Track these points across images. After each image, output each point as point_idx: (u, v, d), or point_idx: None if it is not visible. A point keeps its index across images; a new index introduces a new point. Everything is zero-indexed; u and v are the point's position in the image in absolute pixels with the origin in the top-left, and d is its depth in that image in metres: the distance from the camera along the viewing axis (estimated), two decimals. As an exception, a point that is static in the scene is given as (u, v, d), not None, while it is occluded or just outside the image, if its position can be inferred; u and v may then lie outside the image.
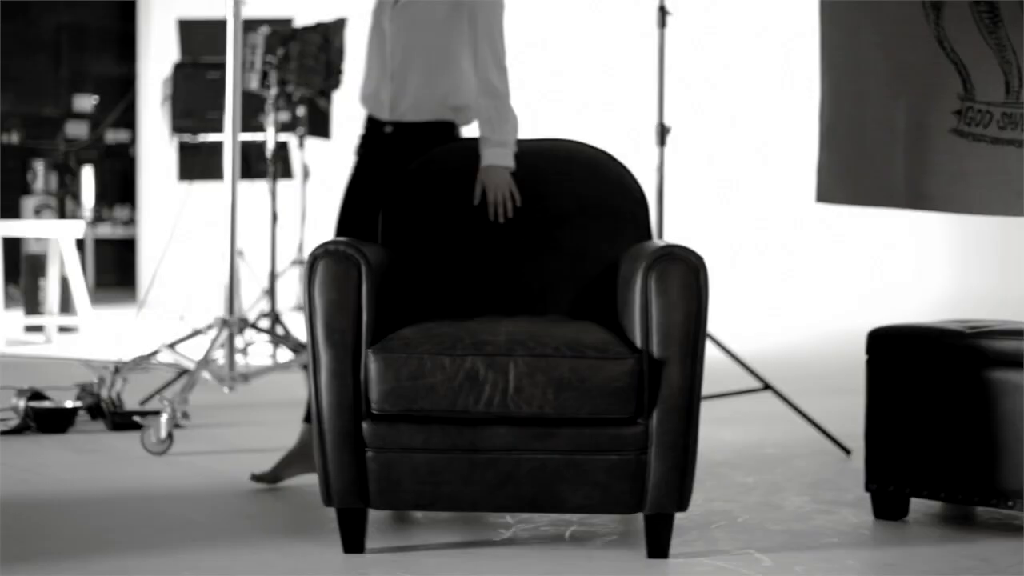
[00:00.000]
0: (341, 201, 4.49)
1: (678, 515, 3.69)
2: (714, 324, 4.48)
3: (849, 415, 5.12)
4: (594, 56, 11.10)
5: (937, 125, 4.79)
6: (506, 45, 4.44)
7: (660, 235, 5.65)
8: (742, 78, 10.73)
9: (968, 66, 4.73)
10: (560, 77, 11.21)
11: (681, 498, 3.59)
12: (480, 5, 4.37)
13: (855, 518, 4.12)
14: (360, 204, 4.41)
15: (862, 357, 4.17)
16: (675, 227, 6.68)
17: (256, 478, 4.43)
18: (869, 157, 4.98)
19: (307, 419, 4.45)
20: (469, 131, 4.49)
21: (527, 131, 4.34)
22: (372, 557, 3.62)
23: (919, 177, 4.86)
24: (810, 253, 10.51)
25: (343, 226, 4.42)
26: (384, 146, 4.45)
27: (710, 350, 4.01)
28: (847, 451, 5.14)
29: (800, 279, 10.45)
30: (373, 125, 4.51)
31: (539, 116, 10.83)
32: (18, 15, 13.42)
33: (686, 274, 3.58)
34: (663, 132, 5.76)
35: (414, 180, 4.23)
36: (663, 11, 5.78)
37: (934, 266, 10.07)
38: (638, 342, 3.59)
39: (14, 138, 13.41)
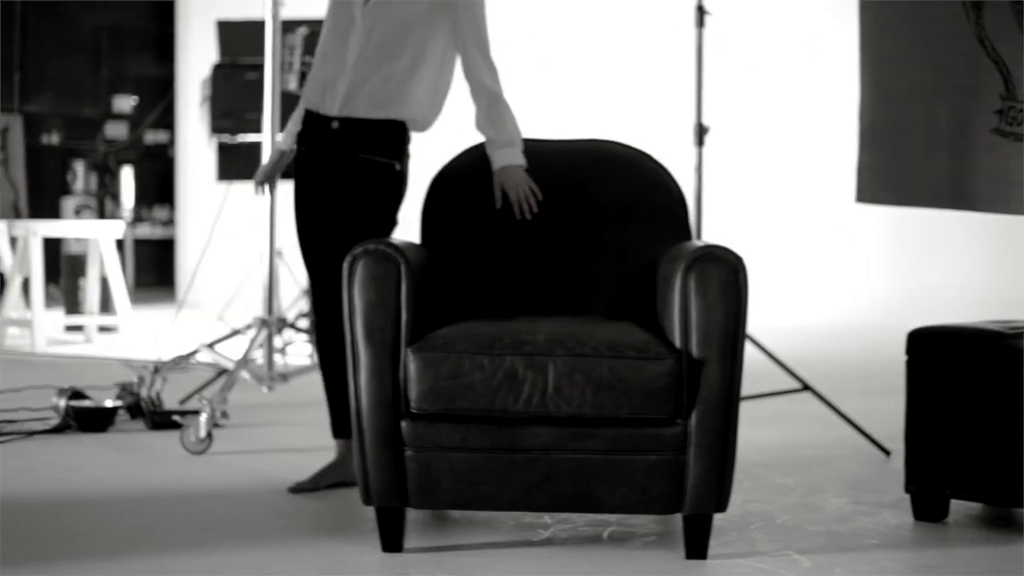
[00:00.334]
0: (293, 206, 4.47)
1: (717, 516, 3.68)
2: (753, 324, 4.47)
3: (889, 416, 5.09)
4: (632, 56, 11.09)
5: (978, 125, 4.76)
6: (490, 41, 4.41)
7: (699, 235, 5.64)
8: (780, 77, 10.70)
9: (1009, 65, 4.70)
10: (598, 77, 11.20)
11: (720, 499, 3.59)
12: (463, 6, 4.31)
13: (895, 519, 4.10)
14: (314, 205, 4.42)
15: (902, 357, 4.15)
16: (714, 227, 6.66)
17: (294, 489, 4.38)
18: (910, 157, 4.95)
19: (337, 434, 4.45)
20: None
21: (567, 132, 4.33)
22: (410, 556, 3.63)
23: (960, 177, 4.83)
24: (850, 253, 10.48)
25: (304, 233, 4.45)
26: (330, 142, 4.38)
27: (749, 350, 4.00)
28: (887, 452, 5.12)
29: (840, 279, 10.42)
30: (317, 121, 4.40)
31: (578, 116, 10.84)
32: (57, 16, 13.49)
33: (725, 274, 3.57)
34: (701, 132, 5.75)
35: (452, 179, 4.23)
36: (701, 10, 5.77)
37: (975, 266, 10.02)
38: (677, 342, 3.59)
39: (54, 139, 13.48)
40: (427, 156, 4.64)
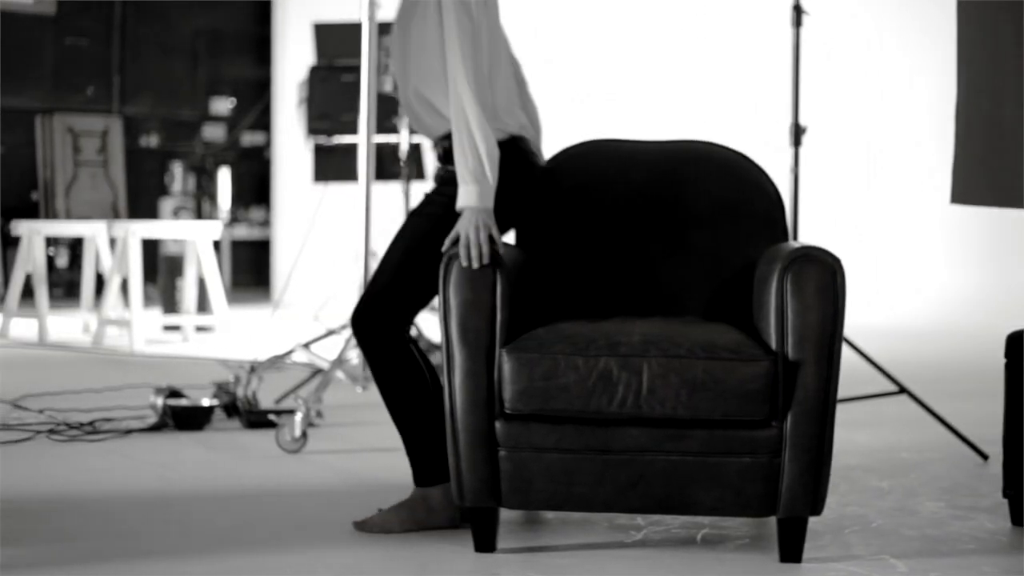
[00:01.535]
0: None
1: (811, 519, 3.66)
2: (849, 325, 4.43)
3: (986, 419, 5.04)
4: (729, 56, 11.05)
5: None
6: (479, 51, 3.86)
7: (796, 236, 5.61)
8: (877, 77, 10.62)
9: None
10: (695, 77, 11.17)
11: (815, 502, 3.56)
12: (445, 4, 3.84)
13: (992, 524, 4.06)
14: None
15: (1000, 360, 4.11)
16: (811, 228, 6.62)
17: (360, 527, 3.97)
18: (1005, 157, 4.90)
19: (419, 482, 3.95)
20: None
21: (667, 133, 4.28)
22: (503, 557, 3.63)
23: (1058, 178, 4.77)
24: (947, 254, 10.38)
25: None
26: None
27: (845, 352, 3.97)
28: (984, 456, 5.07)
29: (937, 281, 10.32)
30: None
31: (674, 117, 10.81)
32: (156, 19, 13.64)
33: (822, 275, 3.55)
34: (798, 132, 5.71)
35: (547, 180, 4.23)
36: (798, 10, 5.74)
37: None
38: (773, 344, 3.57)
39: (153, 141, 13.64)
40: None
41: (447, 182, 3.88)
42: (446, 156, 3.91)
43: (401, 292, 3.88)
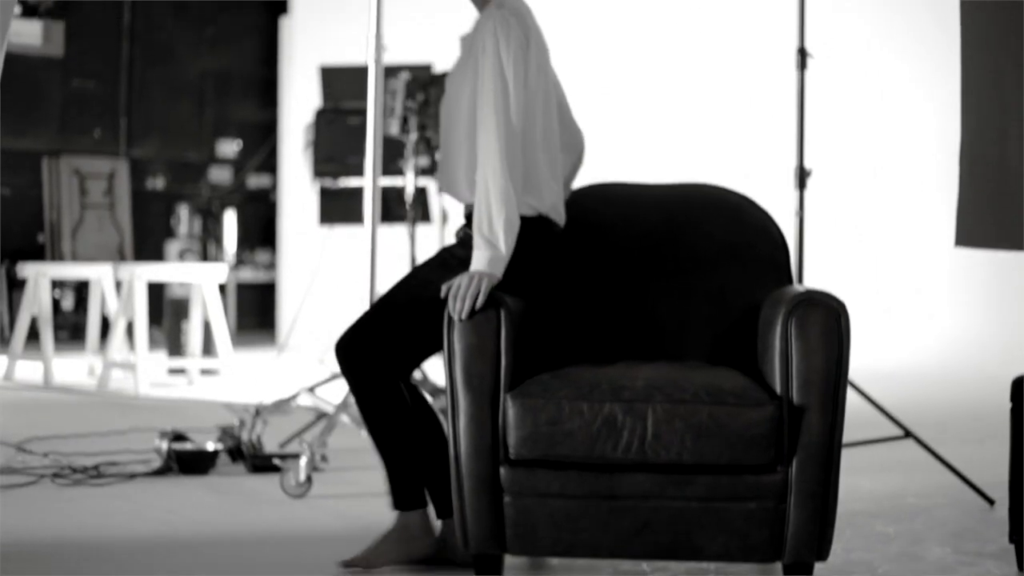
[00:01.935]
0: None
1: (817, 565, 3.65)
2: (854, 369, 4.42)
3: (993, 464, 5.02)
4: (734, 99, 11.06)
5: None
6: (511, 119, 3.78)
7: (800, 280, 5.60)
8: (881, 121, 10.63)
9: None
10: (699, 120, 11.18)
11: (821, 548, 3.55)
12: (485, 50, 3.81)
13: (998, 570, 4.04)
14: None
15: (1006, 404, 4.10)
16: (816, 271, 6.61)
17: (347, 564, 3.98)
18: (1010, 200, 4.90)
19: (397, 505, 3.99)
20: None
21: (671, 176, 4.29)
22: (509, 602, 3.62)
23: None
24: (952, 297, 10.37)
25: None
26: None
27: (850, 396, 3.96)
28: (990, 501, 5.05)
29: (943, 324, 10.31)
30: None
31: (679, 160, 10.82)
32: (163, 62, 13.69)
33: (826, 319, 3.55)
34: (803, 175, 5.72)
35: (550, 224, 4.23)
36: (803, 53, 5.75)
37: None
38: (778, 388, 3.56)
39: (159, 183, 13.66)
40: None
41: (463, 243, 3.89)
42: (468, 217, 3.92)
43: (392, 330, 3.88)
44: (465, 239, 3.90)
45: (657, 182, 4.35)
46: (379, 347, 3.87)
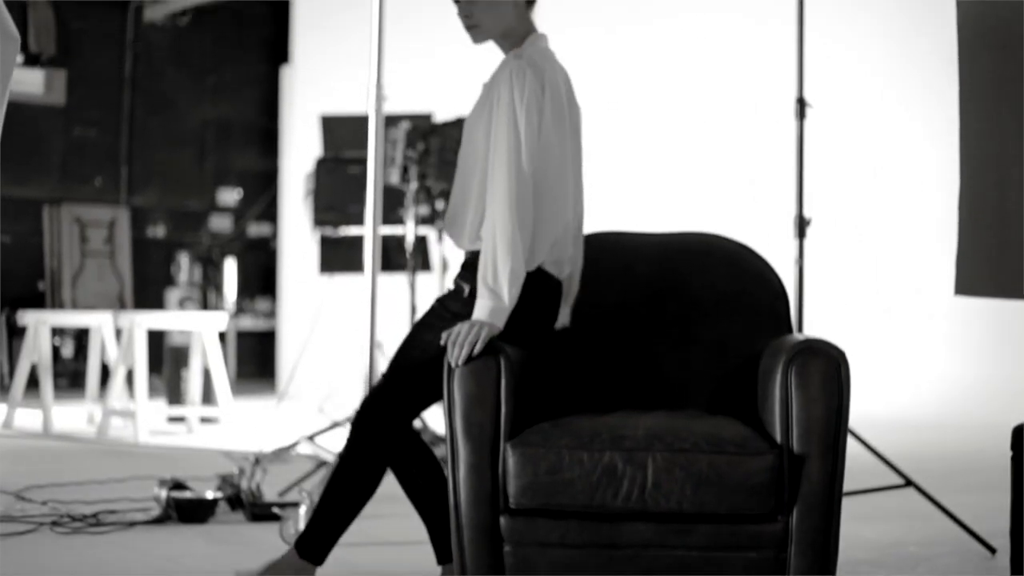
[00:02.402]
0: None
1: (819, 614, 3.63)
2: (855, 418, 4.42)
3: (994, 512, 5.01)
4: (733, 148, 11.10)
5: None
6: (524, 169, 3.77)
7: (800, 328, 5.60)
8: (880, 169, 10.65)
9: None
10: (699, 169, 11.21)
11: (822, 597, 3.54)
12: (500, 98, 3.81)
13: (1002, 619, 4.03)
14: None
15: (1006, 452, 4.09)
16: (816, 320, 6.62)
17: None
18: (1009, 249, 4.90)
19: (442, 559, 4.01)
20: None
21: (671, 224, 4.29)
22: (509, 652, 3.60)
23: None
24: (952, 346, 10.37)
25: None
26: None
27: (850, 445, 3.95)
28: (992, 549, 5.03)
29: (943, 372, 10.30)
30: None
31: (678, 209, 10.85)
32: (164, 111, 13.74)
33: (827, 368, 3.54)
34: (802, 224, 5.73)
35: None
36: (802, 103, 5.77)
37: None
38: (778, 437, 3.56)
39: (160, 231, 13.69)
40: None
41: (456, 295, 3.90)
42: (465, 265, 3.93)
43: (406, 398, 3.93)
44: (458, 290, 3.91)
45: (657, 231, 4.36)
46: (398, 422, 3.94)
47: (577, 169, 4.01)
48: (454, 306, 3.88)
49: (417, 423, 6.77)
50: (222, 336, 10.42)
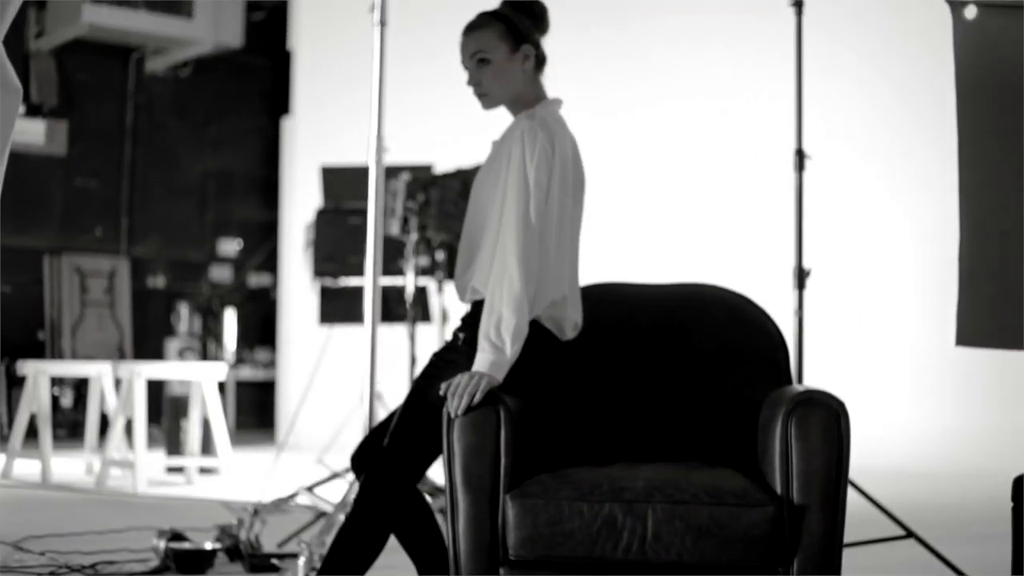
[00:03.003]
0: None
1: (820, 666, 3.61)
2: (855, 469, 4.41)
3: (995, 563, 5.00)
4: (732, 199, 11.12)
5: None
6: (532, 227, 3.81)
7: (800, 379, 5.60)
8: (880, 219, 10.67)
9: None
10: (698, 220, 11.23)
11: (823, 649, 3.52)
12: (511, 156, 3.87)
13: (1003, 672, 4.01)
14: None
15: (1007, 503, 4.08)
16: (815, 371, 6.62)
17: None
18: (1011, 299, 4.91)
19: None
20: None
21: (671, 275, 4.30)
22: None
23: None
24: (953, 396, 10.35)
25: None
26: None
27: (851, 496, 3.95)
28: (994, 602, 5.02)
29: (943, 423, 10.29)
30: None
31: (677, 260, 10.86)
32: (165, 162, 13.77)
33: (827, 419, 3.54)
34: (802, 275, 5.73)
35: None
36: (801, 154, 5.79)
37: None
38: (778, 488, 3.55)
39: (160, 282, 13.70)
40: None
41: (453, 347, 3.92)
42: (465, 320, 3.94)
43: (418, 457, 3.92)
44: (454, 343, 3.93)
45: (656, 282, 4.36)
46: (410, 481, 3.93)
47: (575, 235, 4.05)
48: (449, 356, 3.89)
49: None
50: (221, 386, 10.41)
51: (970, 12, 5.04)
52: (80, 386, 12.33)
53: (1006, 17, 4.97)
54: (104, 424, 9.53)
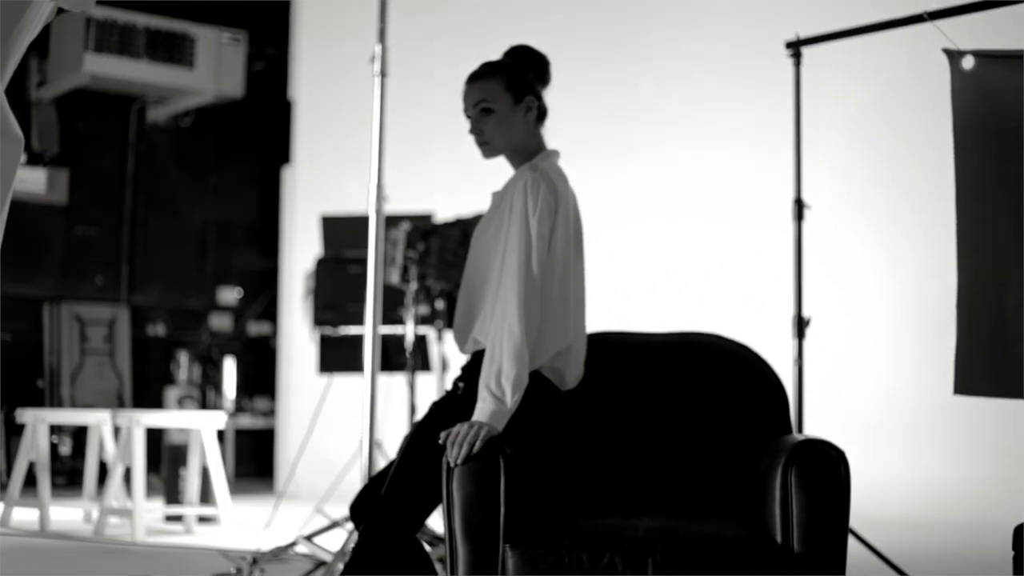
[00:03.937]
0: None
1: None
2: (855, 517, 4.41)
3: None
4: (731, 248, 11.13)
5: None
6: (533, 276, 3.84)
7: (800, 428, 5.60)
8: (879, 268, 10.68)
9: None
10: (696, 268, 11.24)
11: None
12: (513, 208, 3.90)
13: None
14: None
15: (1008, 552, 4.08)
16: (815, 420, 6.61)
17: None
18: (1009, 347, 4.92)
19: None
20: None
21: (670, 324, 4.31)
22: None
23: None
24: (952, 445, 10.34)
25: None
26: None
27: (852, 545, 3.94)
28: (995, 651, 5.01)
29: (943, 471, 10.27)
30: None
31: (676, 309, 10.86)
32: (166, 211, 13.80)
33: (827, 468, 3.54)
34: (801, 323, 5.74)
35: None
36: (800, 204, 5.80)
37: (1081, 460, 9.85)
38: (779, 538, 3.55)
39: (159, 330, 13.69)
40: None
41: (451, 396, 3.93)
42: (465, 370, 3.96)
43: (417, 506, 3.92)
44: (454, 393, 3.94)
45: (655, 331, 4.37)
46: (410, 531, 3.93)
47: (580, 288, 4.06)
48: (452, 406, 3.90)
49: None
50: (221, 435, 10.39)
51: (967, 63, 5.07)
52: (79, 434, 12.30)
53: (1003, 67, 5.00)
54: (103, 472, 9.52)
